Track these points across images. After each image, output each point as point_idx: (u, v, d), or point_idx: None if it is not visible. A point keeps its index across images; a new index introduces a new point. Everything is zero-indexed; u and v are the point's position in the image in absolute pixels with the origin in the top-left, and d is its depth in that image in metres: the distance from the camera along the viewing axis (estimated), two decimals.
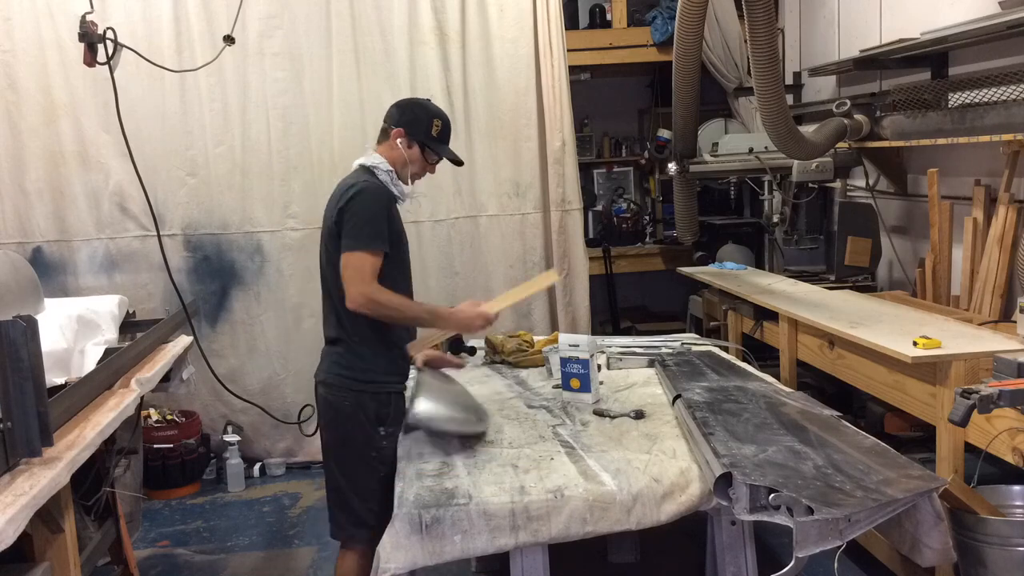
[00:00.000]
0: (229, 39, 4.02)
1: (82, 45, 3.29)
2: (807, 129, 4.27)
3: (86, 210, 4.79)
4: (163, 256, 3.96)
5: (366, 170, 2.77)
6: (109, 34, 3.35)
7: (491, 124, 4.99)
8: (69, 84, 4.69)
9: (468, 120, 4.97)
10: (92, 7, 3.40)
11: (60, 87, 4.70)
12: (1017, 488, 2.83)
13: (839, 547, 2.03)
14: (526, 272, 5.06)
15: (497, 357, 3.49)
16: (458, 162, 2.95)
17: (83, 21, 3.33)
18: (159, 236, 3.97)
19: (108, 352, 2.96)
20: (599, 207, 6.27)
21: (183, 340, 3.56)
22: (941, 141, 3.73)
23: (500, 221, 5.05)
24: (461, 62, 4.93)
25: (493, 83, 4.97)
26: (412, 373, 2.92)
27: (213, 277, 4.87)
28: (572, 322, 5.15)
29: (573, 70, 5.19)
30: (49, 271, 4.73)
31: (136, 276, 4.84)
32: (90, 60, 3.41)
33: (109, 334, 3.17)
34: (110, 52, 3.36)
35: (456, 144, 4.83)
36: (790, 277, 4.65)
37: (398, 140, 2.79)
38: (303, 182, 4.83)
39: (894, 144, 4.18)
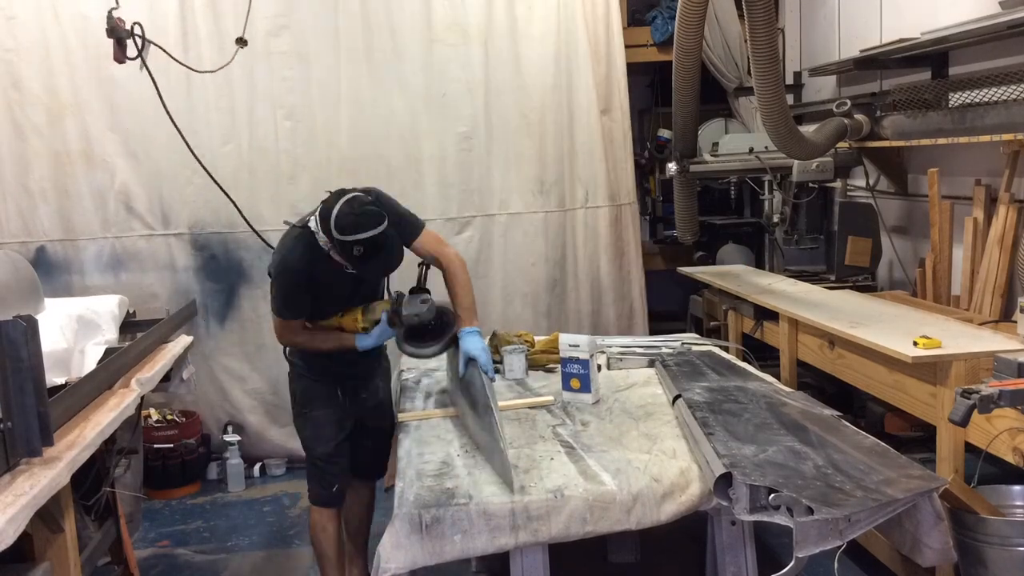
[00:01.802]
0: (241, 41, 4.02)
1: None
2: (807, 129, 4.27)
3: (92, 209, 4.79)
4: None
5: (304, 226, 2.87)
6: (136, 29, 3.35)
7: (517, 122, 4.98)
8: (74, 83, 4.69)
9: (489, 118, 4.96)
10: (118, 3, 3.39)
11: (65, 86, 4.70)
12: (1017, 488, 2.83)
13: (839, 547, 2.03)
14: (548, 271, 5.07)
15: (497, 356, 3.49)
16: (383, 274, 3.03)
17: (110, 16, 3.34)
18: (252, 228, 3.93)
19: (108, 352, 2.96)
20: None
21: (183, 340, 3.56)
22: (941, 141, 3.73)
23: (523, 219, 5.06)
24: (484, 60, 4.93)
25: (520, 81, 4.96)
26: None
27: (220, 276, 4.88)
28: (629, 318, 5.18)
29: None
30: (53, 270, 4.73)
31: (142, 275, 4.84)
32: (120, 56, 3.42)
33: (109, 334, 3.17)
34: (140, 48, 3.36)
35: (477, 142, 4.97)
36: (790, 277, 4.65)
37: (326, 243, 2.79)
38: (310, 181, 4.82)
39: (894, 144, 4.18)
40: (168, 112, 3.58)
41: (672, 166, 4.58)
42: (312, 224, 2.82)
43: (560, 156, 5.05)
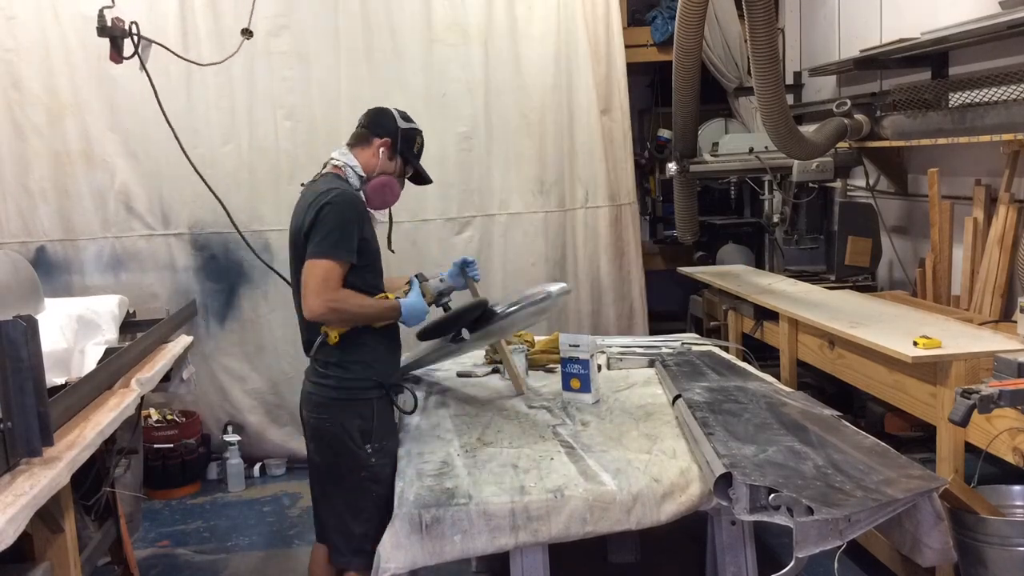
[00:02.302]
0: (247, 32, 4.01)
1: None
2: (807, 129, 4.27)
3: (92, 209, 4.80)
4: None
5: (336, 174, 2.67)
6: (133, 28, 3.32)
7: (517, 122, 4.99)
8: (74, 83, 4.69)
9: (489, 118, 4.97)
10: (113, 2, 3.36)
11: (65, 86, 4.70)
12: (1017, 488, 2.83)
13: (839, 547, 2.03)
14: (548, 271, 5.08)
15: (497, 356, 3.48)
16: (428, 180, 2.84)
17: (101, 15, 3.29)
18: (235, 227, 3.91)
19: (108, 352, 2.96)
20: None
21: (183, 340, 3.56)
22: (941, 141, 3.73)
23: (523, 219, 5.06)
24: (484, 60, 4.93)
25: (520, 81, 4.97)
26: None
27: (221, 276, 4.88)
28: (629, 318, 5.18)
29: None
30: (53, 270, 4.74)
31: (142, 275, 4.85)
32: (116, 57, 3.38)
33: (109, 334, 3.17)
34: (138, 46, 3.33)
35: (477, 142, 4.99)
36: (790, 277, 4.65)
37: (381, 149, 2.69)
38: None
39: (894, 144, 4.18)
40: (164, 113, 3.57)
41: (672, 166, 4.58)
42: (339, 160, 2.68)
43: (560, 156, 5.06)
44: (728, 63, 5.45)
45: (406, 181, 2.83)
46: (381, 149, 2.70)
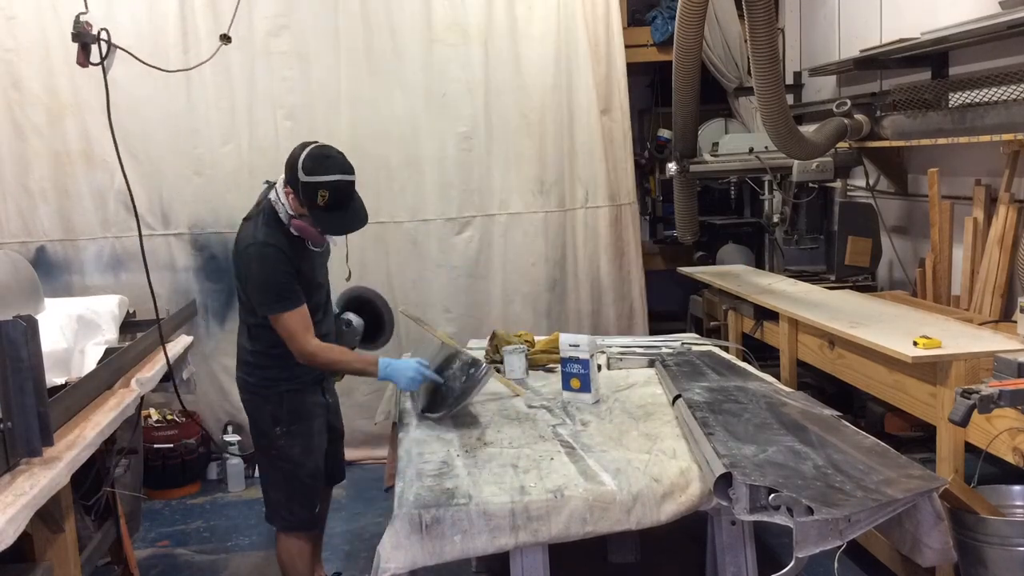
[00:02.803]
0: (225, 38, 4.01)
1: (76, 45, 3.26)
2: (807, 129, 4.27)
3: (92, 209, 4.80)
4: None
5: (273, 210, 2.76)
6: (103, 35, 3.32)
7: (517, 122, 4.99)
8: (74, 83, 4.69)
9: (489, 118, 4.97)
10: (87, 7, 3.38)
11: (65, 86, 4.70)
12: (1017, 488, 2.83)
13: (839, 547, 2.03)
14: (548, 271, 5.08)
15: (497, 356, 3.49)
16: (339, 232, 2.80)
17: (77, 21, 3.30)
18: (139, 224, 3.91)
19: (108, 352, 2.97)
20: None
21: (183, 340, 3.57)
22: (941, 141, 3.73)
23: (523, 219, 5.06)
24: (484, 60, 4.93)
25: (520, 81, 4.97)
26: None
27: (220, 276, 4.88)
28: (629, 318, 5.19)
29: None
30: (53, 270, 4.74)
31: (142, 275, 4.81)
32: (83, 60, 3.39)
33: (109, 334, 3.18)
34: (104, 53, 3.33)
35: (477, 142, 4.97)
36: (790, 277, 4.65)
37: (290, 196, 2.71)
38: None
39: (894, 144, 4.18)
40: (110, 118, 3.56)
41: (672, 166, 4.58)
42: (273, 195, 2.76)
43: (560, 156, 5.05)
44: (728, 63, 5.45)
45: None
46: (290, 196, 2.71)
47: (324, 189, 2.63)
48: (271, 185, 2.83)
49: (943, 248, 3.89)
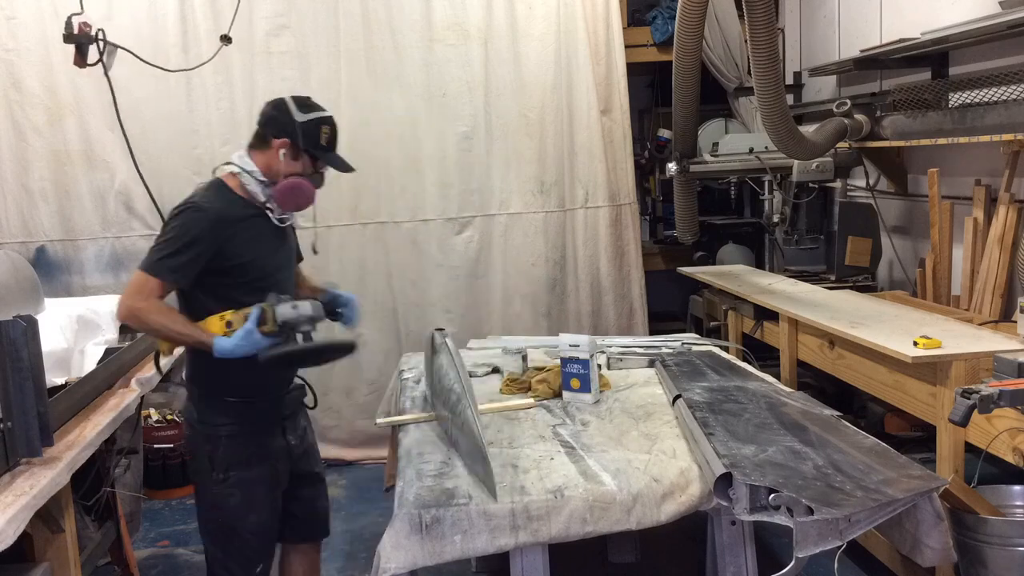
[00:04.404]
0: (226, 39, 4.01)
1: (72, 47, 3.22)
2: (807, 129, 4.27)
3: (91, 209, 4.79)
4: None
5: (223, 182, 2.48)
6: (100, 35, 3.31)
7: (517, 122, 4.99)
8: (74, 83, 4.68)
9: (489, 118, 4.97)
10: (82, 8, 3.36)
11: (65, 86, 4.69)
12: (1017, 488, 2.83)
13: (839, 547, 2.03)
14: (548, 271, 5.08)
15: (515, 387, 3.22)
16: (347, 168, 2.59)
17: (68, 23, 3.28)
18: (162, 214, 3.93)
19: (108, 352, 2.97)
20: None
21: None
22: (941, 141, 3.73)
23: (523, 219, 5.06)
24: (484, 60, 4.93)
25: (520, 81, 4.97)
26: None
27: None
28: (629, 318, 5.19)
29: None
30: (53, 270, 4.73)
31: None
32: (80, 61, 3.36)
33: (109, 334, 3.18)
34: (103, 52, 3.32)
35: (477, 142, 4.98)
36: (790, 277, 4.64)
37: (281, 151, 2.45)
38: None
39: (894, 144, 4.18)
40: (119, 117, 3.53)
41: (672, 166, 4.58)
42: (236, 166, 2.48)
43: (560, 156, 5.05)
44: (728, 63, 5.45)
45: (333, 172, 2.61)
46: (281, 151, 2.46)
47: (326, 124, 2.50)
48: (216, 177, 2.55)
49: (943, 248, 3.89)
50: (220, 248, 2.38)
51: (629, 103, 5.17)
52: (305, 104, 2.51)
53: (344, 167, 2.57)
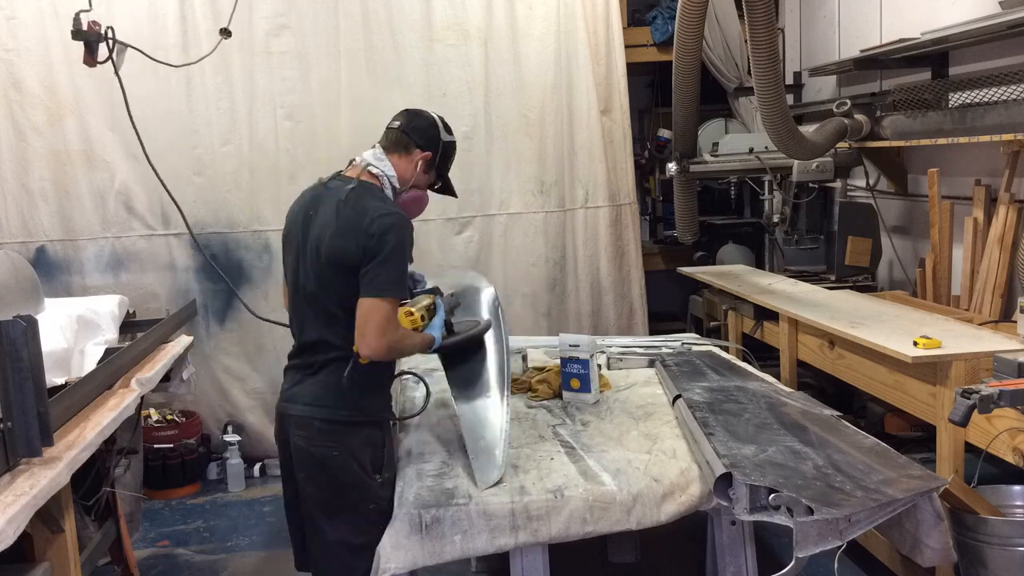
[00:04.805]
0: (225, 32, 4.00)
1: (77, 45, 3.22)
2: (807, 129, 4.27)
3: (91, 209, 4.80)
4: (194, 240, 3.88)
5: (373, 184, 2.42)
6: (109, 32, 3.30)
7: (517, 122, 5.00)
8: (74, 83, 4.69)
9: (489, 118, 4.98)
10: (91, 5, 3.35)
11: (65, 86, 4.70)
12: (1017, 488, 2.83)
13: (839, 547, 2.03)
14: (548, 271, 5.08)
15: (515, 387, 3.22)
16: (455, 195, 2.65)
17: (76, 19, 3.27)
18: (189, 231, 3.99)
19: (108, 352, 2.96)
20: None
21: (183, 340, 3.56)
22: (941, 141, 3.73)
23: (523, 219, 5.06)
24: (484, 60, 4.94)
25: (520, 81, 4.98)
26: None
27: (221, 276, 4.88)
28: (629, 318, 5.19)
29: None
30: (53, 270, 4.74)
31: (142, 275, 4.85)
32: (90, 60, 3.36)
33: (109, 334, 3.17)
34: (112, 51, 3.31)
35: (477, 142, 4.98)
36: (790, 277, 4.65)
37: (419, 162, 2.46)
38: (310, 181, 4.80)
39: (894, 144, 4.18)
40: (131, 116, 3.53)
41: (672, 166, 4.58)
42: (376, 167, 2.43)
43: (560, 156, 5.06)
44: (728, 63, 5.45)
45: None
46: (420, 162, 2.47)
47: (455, 151, 2.58)
48: (327, 180, 2.50)
49: (943, 248, 3.89)
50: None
51: (629, 103, 5.17)
52: (448, 126, 2.56)
53: (454, 193, 2.64)
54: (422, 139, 2.48)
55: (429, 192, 2.60)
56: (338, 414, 2.35)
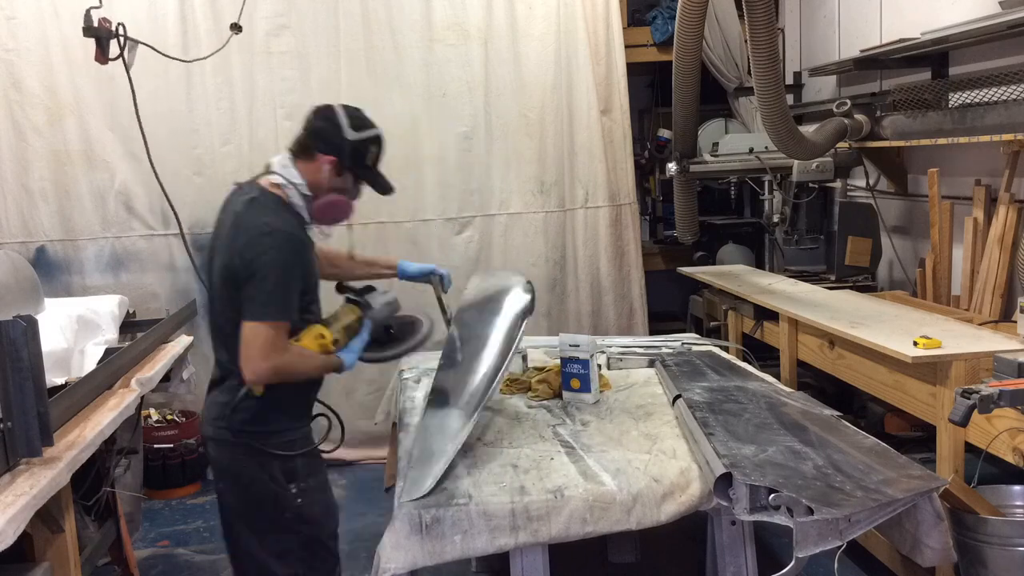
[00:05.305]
0: (236, 27, 3.99)
1: (89, 42, 3.19)
2: (807, 129, 4.27)
3: (91, 209, 4.79)
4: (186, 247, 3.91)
5: (276, 195, 2.32)
6: (120, 29, 3.29)
7: (517, 122, 5.00)
8: (74, 83, 4.69)
9: (489, 118, 4.98)
10: (100, 2, 3.34)
11: (65, 86, 4.70)
12: (1017, 488, 2.83)
13: (839, 547, 2.03)
14: (548, 271, 5.08)
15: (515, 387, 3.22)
16: (388, 190, 2.46)
17: (87, 16, 3.27)
18: (182, 232, 3.94)
19: (108, 352, 2.96)
20: None
21: (183, 340, 3.56)
22: (941, 141, 3.73)
23: (523, 219, 5.06)
24: (484, 60, 4.94)
25: (520, 81, 4.98)
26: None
27: None
28: (629, 318, 5.19)
29: None
30: (53, 270, 4.73)
31: (142, 275, 4.85)
32: (101, 57, 3.34)
33: (109, 334, 3.17)
34: (124, 48, 3.31)
35: (477, 142, 4.98)
36: (790, 277, 4.65)
37: (326, 167, 2.33)
38: None
39: (894, 144, 4.18)
40: (138, 116, 3.52)
41: (672, 166, 4.58)
42: (280, 176, 2.34)
43: (560, 156, 5.06)
44: (728, 63, 5.45)
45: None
46: (326, 167, 2.33)
47: (375, 144, 2.38)
48: (241, 185, 2.44)
49: (943, 248, 3.89)
50: (304, 272, 2.28)
51: (629, 103, 5.17)
52: (357, 119, 2.39)
53: (386, 188, 2.45)
54: (323, 143, 2.34)
55: (368, 188, 2.46)
56: (237, 431, 2.29)
